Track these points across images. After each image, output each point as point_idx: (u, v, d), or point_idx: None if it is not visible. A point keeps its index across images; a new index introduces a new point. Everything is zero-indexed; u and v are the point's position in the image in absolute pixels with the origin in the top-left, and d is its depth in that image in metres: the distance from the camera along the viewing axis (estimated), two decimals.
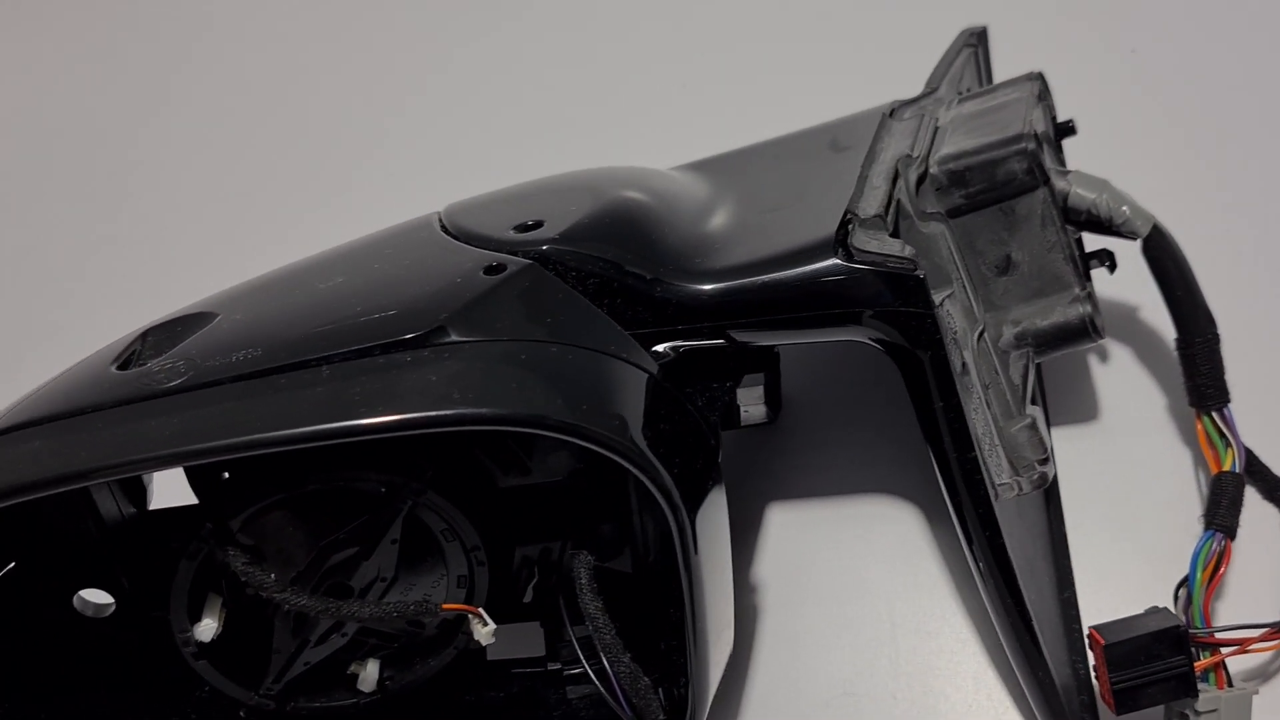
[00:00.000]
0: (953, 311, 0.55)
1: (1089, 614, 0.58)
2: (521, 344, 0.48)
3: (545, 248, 0.53)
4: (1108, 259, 0.60)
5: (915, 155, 0.58)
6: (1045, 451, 0.55)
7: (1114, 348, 0.68)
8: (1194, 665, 0.51)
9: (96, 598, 0.58)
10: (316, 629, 0.55)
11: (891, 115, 0.64)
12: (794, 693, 0.60)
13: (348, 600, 0.53)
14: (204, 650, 0.55)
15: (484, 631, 0.54)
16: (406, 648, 0.58)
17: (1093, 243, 0.61)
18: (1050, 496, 0.62)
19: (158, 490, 0.59)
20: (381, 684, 0.57)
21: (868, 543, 0.64)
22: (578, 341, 0.50)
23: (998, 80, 0.73)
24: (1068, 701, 0.54)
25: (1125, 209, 0.58)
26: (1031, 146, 0.56)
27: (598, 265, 0.53)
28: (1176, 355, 0.60)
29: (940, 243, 0.57)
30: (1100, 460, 0.64)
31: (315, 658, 0.56)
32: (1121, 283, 0.64)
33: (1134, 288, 0.66)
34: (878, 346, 0.54)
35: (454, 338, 0.48)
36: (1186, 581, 0.54)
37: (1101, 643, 0.51)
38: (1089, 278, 0.59)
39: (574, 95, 0.93)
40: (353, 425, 0.45)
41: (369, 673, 0.57)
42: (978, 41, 0.74)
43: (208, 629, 0.54)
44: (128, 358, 0.52)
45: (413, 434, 0.50)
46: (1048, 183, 0.57)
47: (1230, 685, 0.52)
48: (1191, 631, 0.52)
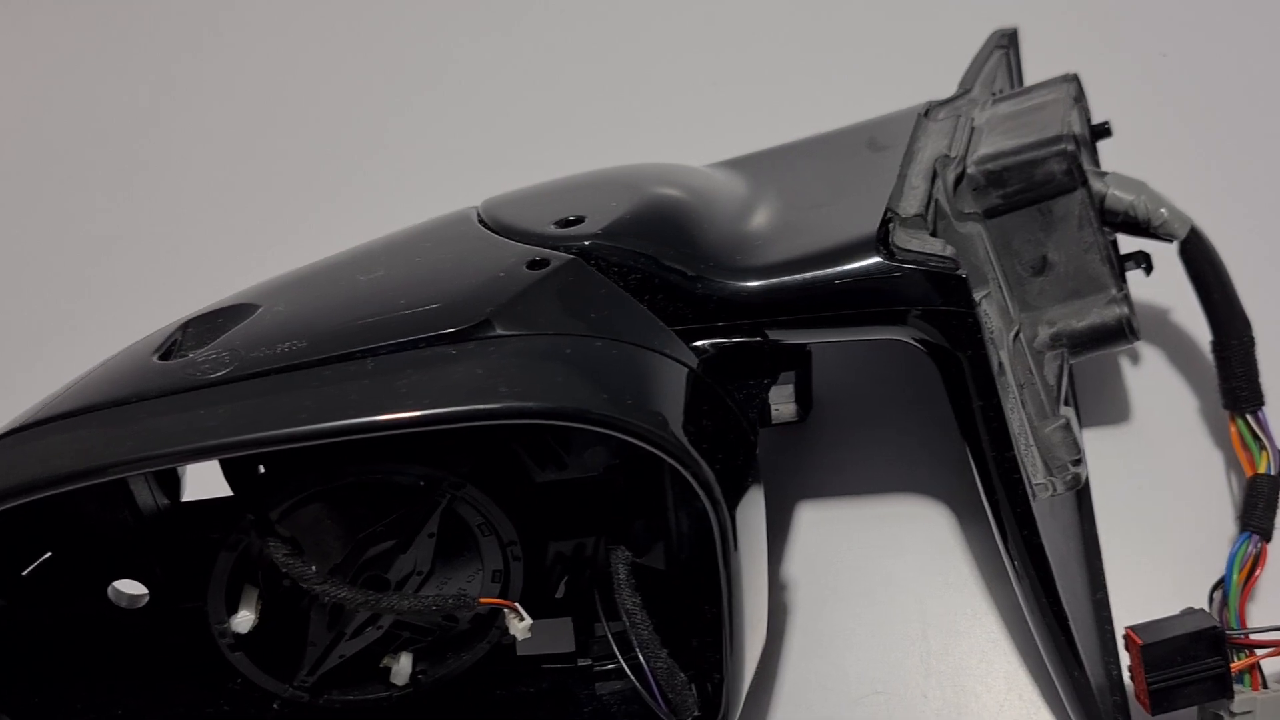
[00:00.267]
0: (989, 311, 0.55)
1: (1120, 615, 0.58)
2: (566, 338, 0.48)
3: (587, 243, 0.53)
4: (1144, 261, 0.60)
5: (953, 155, 0.58)
6: (1079, 452, 0.55)
7: (1145, 349, 0.68)
8: (1230, 666, 0.51)
9: (130, 589, 0.58)
10: (352, 622, 0.55)
11: (926, 115, 0.64)
12: (824, 690, 0.60)
13: (385, 593, 0.54)
14: (240, 642, 0.55)
15: (520, 626, 0.54)
16: (439, 642, 0.58)
17: (1127, 244, 0.61)
18: (1082, 498, 0.62)
19: (188, 482, 0.59)
20: (414, 678, 0.57)
21: (898, 541, 0.64)
22: (621, 336, 0.50)
23: (1029, 82, 0.73)
24: (1100, 702, 0.55)
25: (1163, 211, 0.58)
26: (1071, 148, 0.56)
27: (639, 261, 0.53)
28: (1211, 357, 0.60)
29: (977, 243, 0.57)
30: (1131, 462, 0.64)
31: (350, 650, 0.56)
32: (1151, 284, 0.64)
33: (1164, 289, 0.66)
34: (918, 345, 0.54)
35: (499, 332, 0.48)
36: (1222, 583, 0.55)
37: (1139, 643, 0.51)
38: (1125, 279, 0.59)
39: (604, 91, 0.92)
40: (400, 418, 0.45)
41: (402, 666, 0.57)
42: (1009, 43, 0.74)
43: (245, 621, 0.54)
44: (169, 348, 0.52)
45: (458, 427, 0.50)
46: (1085, 184, 0.57)
47: (1265, 687, 0.52)
48: (1228, 633, 0.52)
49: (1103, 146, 0.65)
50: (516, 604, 0.54)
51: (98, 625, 0.58)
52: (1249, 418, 0.59)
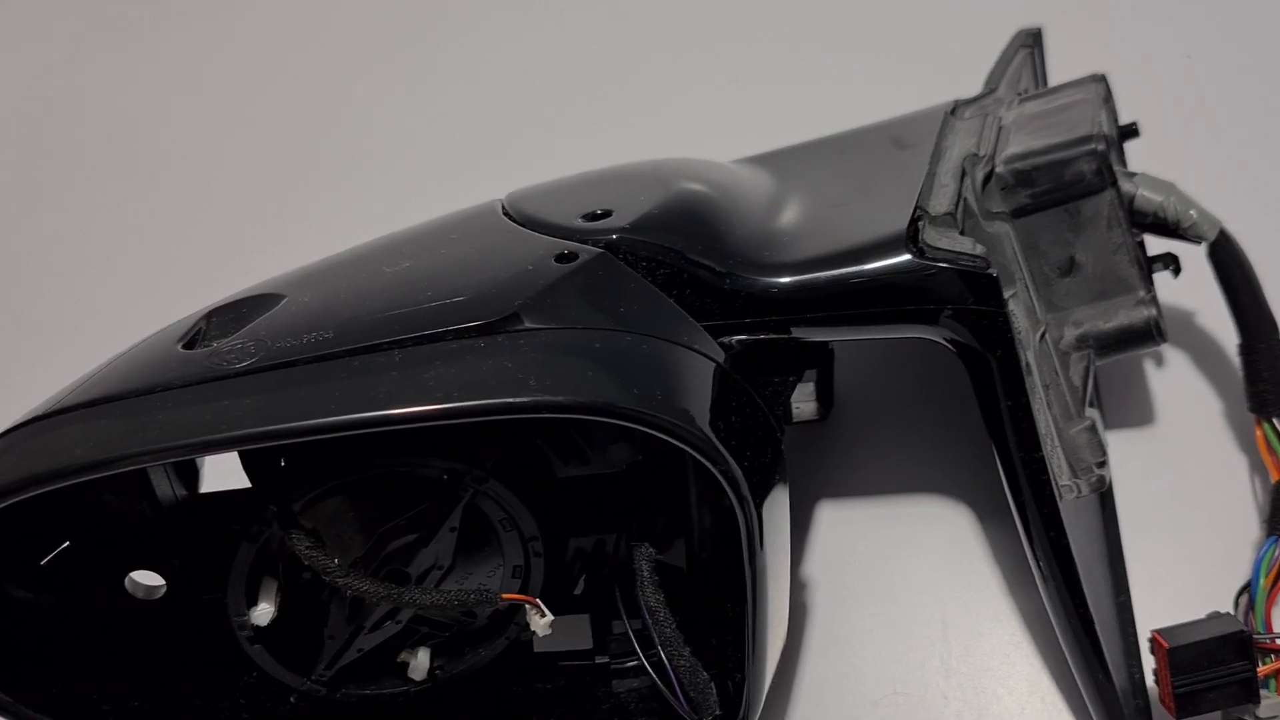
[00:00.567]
0: (1016, 311, 0.54)
1: (1142, 619, 0.58)
2: (595, 332, 0.48)
3: (614, 237, 0.53)
4: (1172, 262, 0.60)
5: (981, 154, 0.57)
6: (1103, 454, 0.55)
7: (1169, 352, 0.68)
8: (1257, 671, 0.51)
9: (148, 580, 0.58)
10: (372, 615, 0.55)
11: (953, 113, 0.64)
12: (843, 691, 0.60)
13: (407, 587, 0.53)
14: (258, 634, 0.54)
15: (541, 623, 0.53)
16: (458, 637, 0.57)
17: (1154, 246, 0.61)
18: (1106, 500, 0.61)
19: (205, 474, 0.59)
20: (432, 673, 0.57)
21: (918, 542, 0.64)
22: (651, 331, 0.49)
23: (1053, 83, 0.73)
24: (1124, 705, 0.54)
25: (1193, 212, 0.58)
26: (1101, 147, 0.56)
27: (667, 256, 0.53)
28: (1238, 361, 0.60)
29: (1004, 242, 0.57)
30: (1155, 465, 0.64)
31: (369, 644, 0.55)
32: (1174, 286, 0.64)
33: (1188, 291, 0.65)
34: (946, 345, 0.53)
35: (527, 325, 0.48)
36: (1248, 587, 0.54)
37: (1165, 646, 0.51)
38: (1152, 281, 0.59)
39: (622, 88, 0.92)
40: (428, 410, 0.44)
41: (420, 661, 0.57)
42: (1034, 43, 0.74)
43: (264, 613, 0.54)
44: (193, 337, 0.51)
45: (485, 421, 0.50)
46: (1115, 184, 0.56)
47: None
48: (1255, 637, 0.51)
49: (1127, 148, 0.65)
50: (538, 600, 0.53)
51: (115, 616, 0.57)
52: (1275, 421, 0.58)
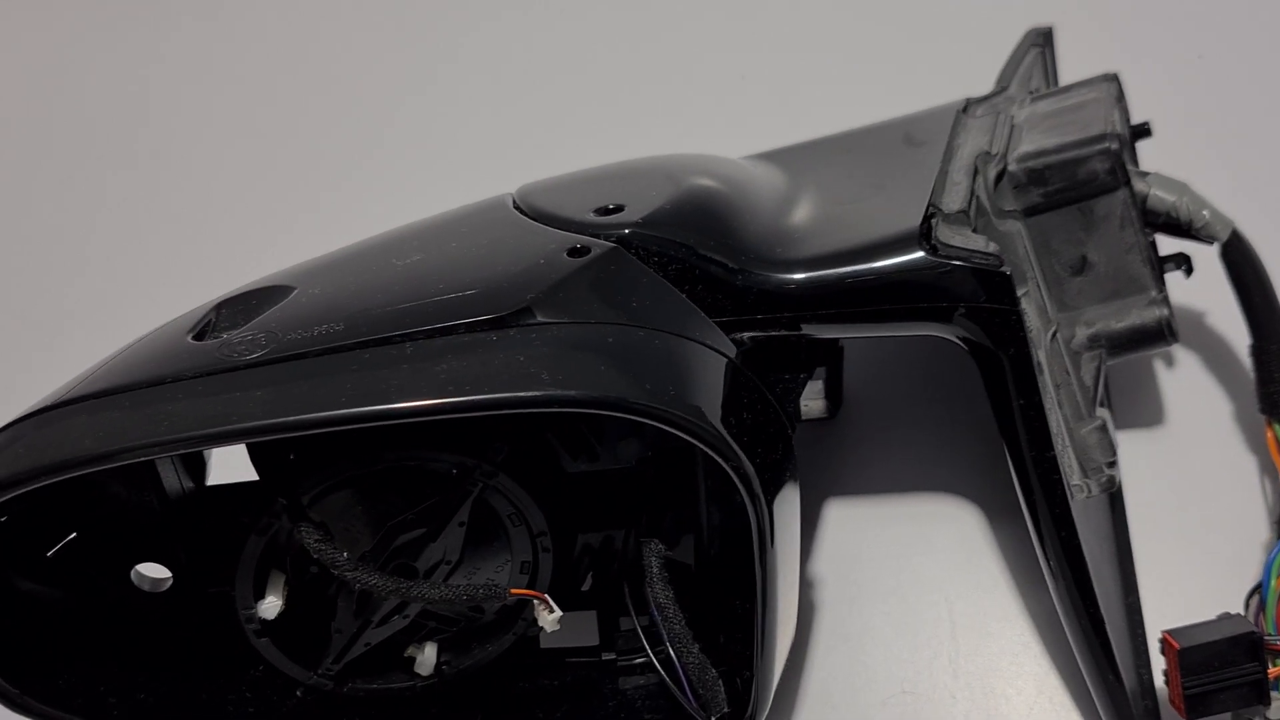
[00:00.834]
0: (1028, 310, 0.54)
1: (1151, 620, 0.58)
2: (608, 327, 0.48)
3: (627, 231, 0.52)
4: (1184, 262, 0.60)
5: (994, 152, 0.57)
6: (1114, 454, 0.55)
7: (1179, 352, 0.68)
8: (1268, 672, 0.51)
9: (154, 572, 0.58)
10: (380, 610, 0.55)
11: (965, 111, 0.64)
12: (851, 690, 0.60)
13: (416, 581, 0.53)
14: (265, 628, 0.54)
15: (550, 618, 0.53)
16: (464, 633, 0.57)
17: (1165, 245, 0.60)
18: (1115, 501, 0.61)
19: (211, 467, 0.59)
20: (438, 668, 0.57)
21: (927, 541, 0.63)
22: (663, 326, 0.49)
23: (1063, 82, 0.73)
24: (1133, 706, 0.54)
25: (1205, 213, 0.58)
26: (1115, 146, 0.55)
27: (680, 251, 0.52)
28: (1249, 361, 0.59)
29: (1016, 241, 0.57)
30: (1165, 466, 0.63)
31: (376, 639, 0.55)
32: (1185, 286, 0.63)
33: (1199, 291, 0.65)
34: (958, 343, 0.53)
35: (540, 319, 0.47)
36: (1259, 589, 0.54)
37: (1176, 647, 0.50)
38: (1164, 280, 0.59)
39: (632, 83, 0.92)
40: (441, 404, 0.44)
41: (426, 656, 0.57)
42: (1044, 42, 0.74)
43: (272, 607, 0.53)
44: (202, 329, 0.51)
45: (496, 414, 0.50)
46: (1128, 183, 0.56)
47: None
48: (1266, 638, 0.51)
49: (1139, 148, 0.65)
50: (546, 595, 0.53)
51: (121, 609, 0.57)
52: None
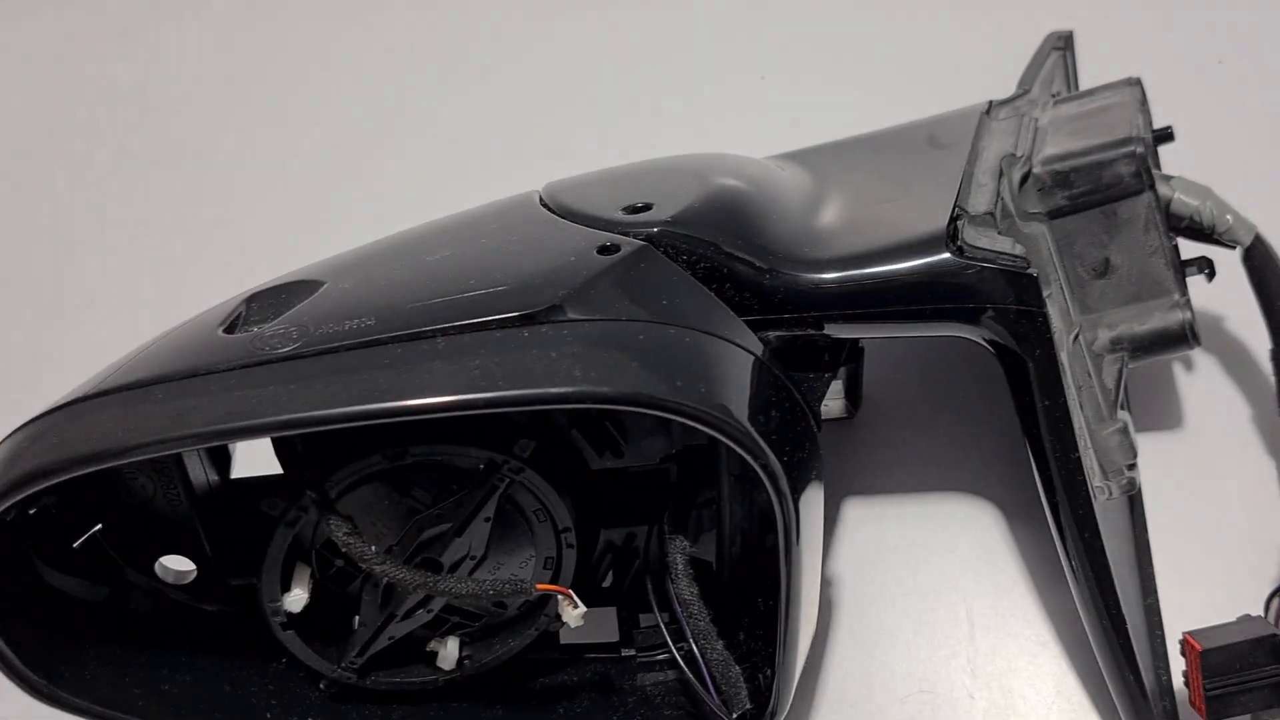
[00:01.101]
0: (1051, 312, 0.54)
1: (1170, 621, 0.58)
2: (638, 324, 0.48)
3: (656, 230, 0.53)
4: (1206, 266, 0.60)
5: (1019, 155, 0.58)
6: (1134, 456, 0.55)
7: (1199, 356, 0.68)
8: None
9: (178, 564, 0.58)
10: (404, 604, 0.55)
11: (988, 113, 0.64)
12: (869, 688, 0.60)
13: (442, 575, 0.53)
14: (291, 621, 0.54)
15: (574, 614, 0.53)
16: (486, 628, 0.58)
17: (1187, 249, 0.61)
18: (1134, 503, 0.61)
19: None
20: (460, 663, 0.57)
21: (945, 541, 0.64)
22: (693, 324, 0.49)
23: (1084, 86, 0.73)
24: (1153, 706, 0.54)
25: (1229, 217, 0.58)
26: (1141, 150, 0.56)
27: (708, 250, 0.53)
28: (1269, 366, 0.60)
29: (1040, 243, 0.57)
30: (1184, 469, 0.64)
31: (400, 632, 0.56)
32: (1204, 291, 0.64)
33: (1219, 296, 0.65)
34: (984, 344, 0.53)
35: (571, 316, 0.48)
36: (1279, 592, 0.54)
37: (1198, 648, 0.51)
38: (1186, 284, 0.59)
39: (653, 83, 0.92)
40: (474, 399, 0.44)
41: (449, 651, 0.57)
42: (1065, 45, 0.74)
43: (297, 599, 0.54)
44: (233, 322, 0.51)
45: (528, 410, 0.50)
46: (1153, 187, 0.56)
47: None
48: None
49: (1160, 152, 0.65)
50: (570, 591, 0.54)
51: (145, 601, 0.57)
52: None
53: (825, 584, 0.63)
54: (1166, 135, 0.63)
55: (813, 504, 0.52)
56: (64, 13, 1.08)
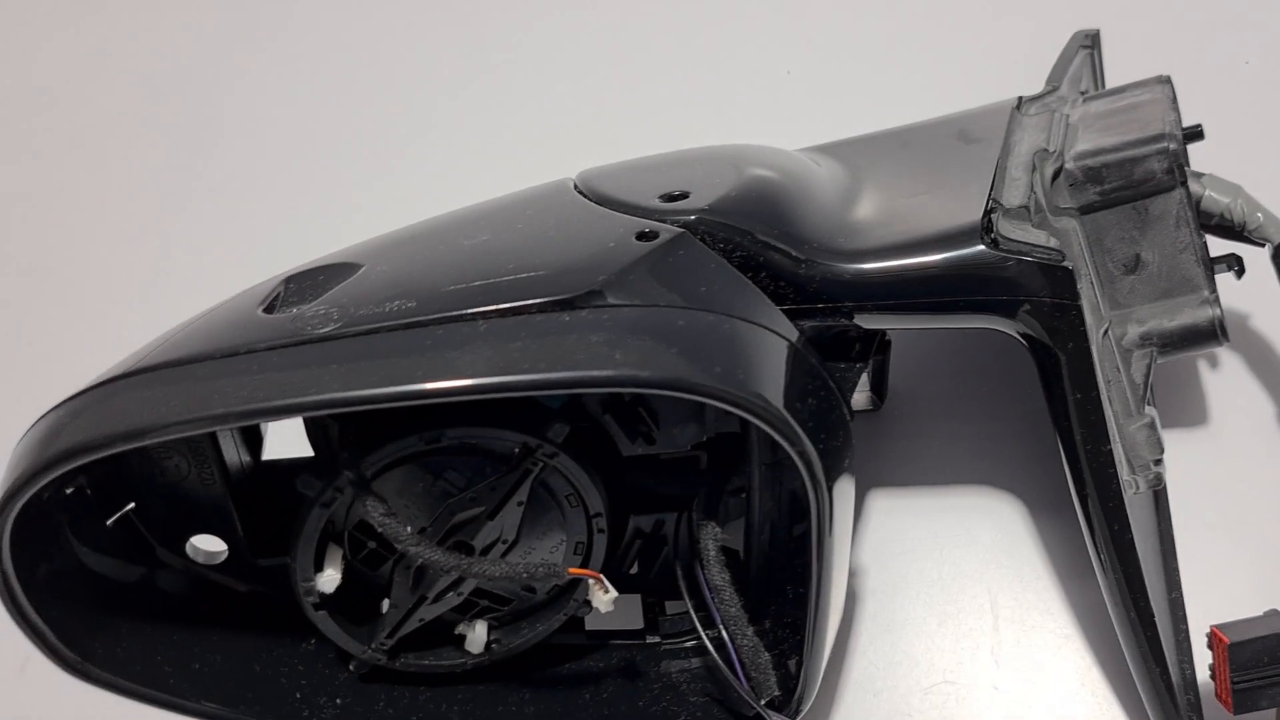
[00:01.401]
0: (1083, 306, 0.55)
1: (1193, 616, 0.58)
2: (678, 310, 0.48)
3: (693, 218, 0.53)
4: (1236, 264, 0.60)
5: (1051, 150, 0.58)
6: (1161, 452, 0.55)
7: (1225, 353, 0.68)
8: None
9: (209, 545, 0.58)
10: (435, 586, 0.55)
11: (1018, 109, 0.64)
12: (893, 678, 0.60)
13: (475, 557, 0.53)
14: (323, 601, 0.55)
15: (605, 599, 0.54)
16: (515, 612, 0.58)
17: (1215, 247, 0.61)
18: (1159, 498, 0.62)
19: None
20: (488, 646, 0.57)
21: (969, 533, 0.64)
22: (731, 311, 0.49)
23: (1110, 84, 0.74)
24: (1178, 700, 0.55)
25: (1259, 215, 0.58)
26: (1174, 146, 0.56)
27: (744, 239, 0.53)
28: None
29: (1071, 238, 0.57)
30: (1209, 464, 0.64)
31: (430, 615, 0.56)
32: (1230, 288, 0.64)
33: (1245, 293, 0.66)
34: (1017, 336, 0.54)
35: (610, 301, 0.48)
36: None
37: (1226, 642, 0.51)
38: (1214, 281, 0.59)
39: (679, 77, 0.92)
40: (518, 380, 0.45)
41: (477, 634, 0.57)
42: (1092, 44, 0.74)
43: (330, 580, 0.54)
44: (272, 302, 0.51)
45: (566, 393, 0.50)
46: (1185, 183, 0.57)
47: None
48: None
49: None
50: (602, 575, 0.54)
51: (176, 581, 0.58)
52: None
53: (850, 574, 0.63)
54: (1196, 134, 0.63)
55: (845, 492, 0.52)
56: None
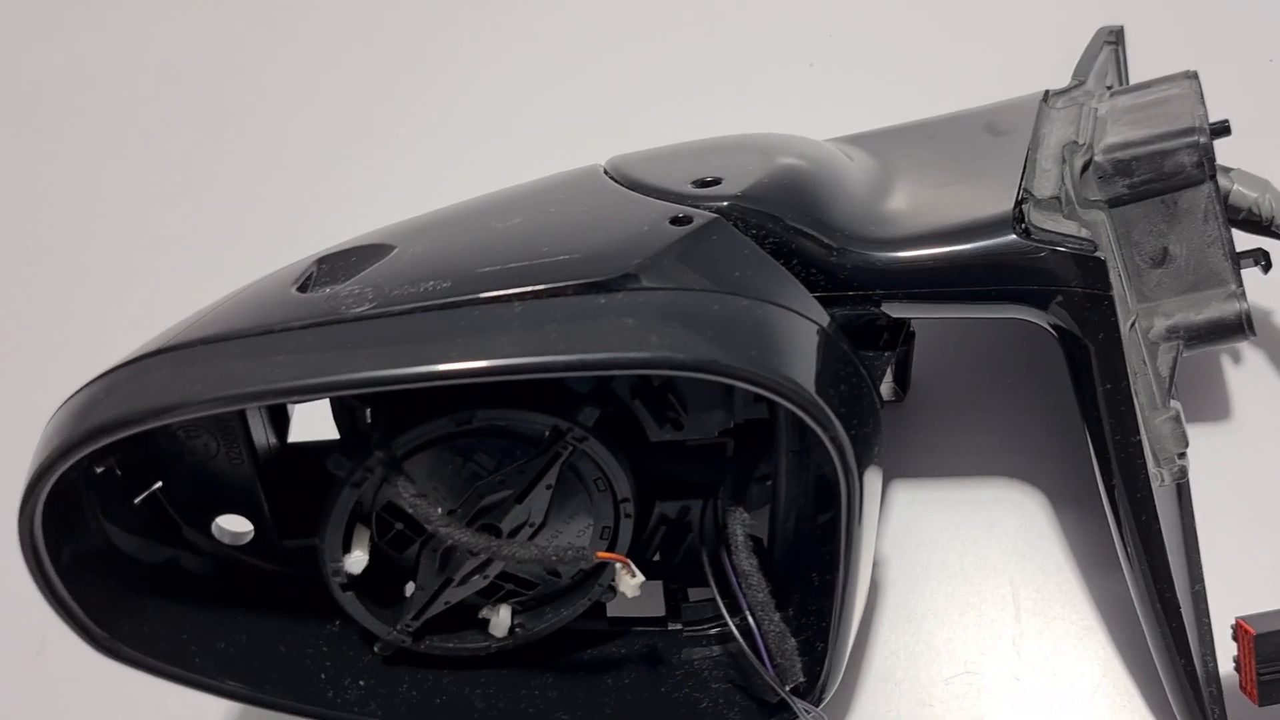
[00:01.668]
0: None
1: (1215, 608, 0.58)
2: (712, 294, 0.48)
3: (725, 204, 0.53)
4: (1263, 258, 0.61)
5: (1081, 142, 0.58)
6: (1186, 445, 0.56)
7: (1247, 347, 0.68)
8: None
9: (235, 525, 0.58)
10: (462, 568, 0.55)
11: (1045, 102, 0.65)
12: (915, 668, 0.60)
13: (504, 540, 0.54)
14: (351, 582, 0.55)
15: (632, 583, 0.54)
16: (539, 596, 0.58)
17: (1241, 241, 0.61)
18: (1181, 490, 0.62)
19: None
20: (512, 630, 0.58)
21: (991, 525, 0.64)
22: (765, 296, 0.50)
23: (1134, 80, 0.74)
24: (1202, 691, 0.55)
25: None
26: (1204, 140, 0.56)
27: (776, 225, 0.53)
28: None
29: (1100, 231, 0.57)
30: (1231, 458, 0.64)
31: (455, 597, 0.56)
32: (1258, 282, 0.64)
33: (1267, 288, 0.66)
34: (1045, 327, 0.54)
35: (645, 284, 0.48)
36: None
37: (1251, 633, 0.51)
38: (1241, 275, 0.59)
39: (702, 68, 0.92)
40: (555, 361, 0.45)
41: (501, 618, 0.57)
42: (1116, 40, 0.75)
43: (358, 561, 0.54)
44: (305, 281, 0.51)
45: (598, 375, 0.50)
46: (1213, 177, 0.57)
47: None
48: None
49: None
50: (629, 560, 0.54)
51: (202, 561, 0.58)
52: None
53: (873, 564, 0.63)
54: (1223, 129, 0.63)
55: (873, 479, 0.52)
56: None
